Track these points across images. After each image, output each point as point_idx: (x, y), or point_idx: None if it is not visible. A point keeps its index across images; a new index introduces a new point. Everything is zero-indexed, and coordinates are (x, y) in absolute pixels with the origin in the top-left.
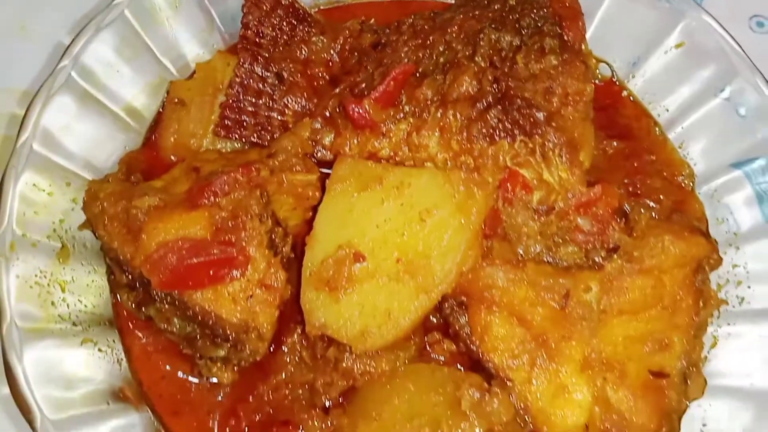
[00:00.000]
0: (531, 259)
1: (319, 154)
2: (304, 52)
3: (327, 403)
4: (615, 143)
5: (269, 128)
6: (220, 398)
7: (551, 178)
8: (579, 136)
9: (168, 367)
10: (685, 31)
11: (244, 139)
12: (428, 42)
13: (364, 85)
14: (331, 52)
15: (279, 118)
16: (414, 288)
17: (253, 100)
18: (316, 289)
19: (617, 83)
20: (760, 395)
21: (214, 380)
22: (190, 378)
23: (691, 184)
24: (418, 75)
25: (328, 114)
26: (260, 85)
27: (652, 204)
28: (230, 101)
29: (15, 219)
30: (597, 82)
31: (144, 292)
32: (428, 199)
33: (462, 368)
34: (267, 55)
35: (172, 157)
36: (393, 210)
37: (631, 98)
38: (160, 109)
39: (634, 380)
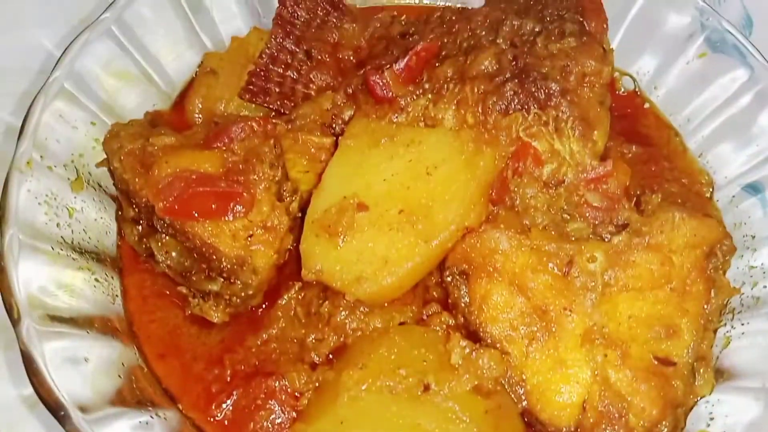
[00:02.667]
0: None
1: (337, 128)
2: (334, 36)
3: (316, 359)
4: (633, 147)
5: (292, 98)
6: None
7: (562, 148)
8: (593, 117)
9: (161, 311)
10: (707, 41)
11: (267, 105)
12: (454, 29)
13: (388, 66)
14: (361, 39)
15: (303, 90)
16: (414, 236)
17: (280, 71)
18: (317, 235)
19: (639, 95)
20: None
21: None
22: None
23: (710, 192)
24: (441, 57)
25: (350, 90)
26: (289, 59)
27: None
28: (258, 69)
29: (35, 141)
30: (620, 92)
31: (147, 224)
32: (436, 155)
33: None
34: (299, 33)
35: (197, 120)
36: (401, 165)
37: (653, 110)
38: (193, 77)
39: (638, 362)
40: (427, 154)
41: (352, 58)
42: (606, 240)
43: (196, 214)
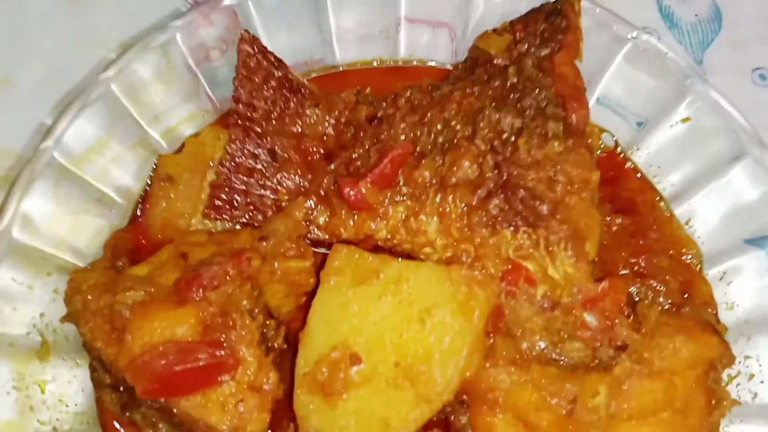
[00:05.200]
0: (536, 358)
1: (313, 235)
2: (298, 126)
3: None
4: (619, 219)
5: (261, 208)
6: None
7: (556, 274)
8: (584, 226)
9: None
10: (691, 105)
11: (235, 220)
12: (426, 119)
13: (359, 163)
14: (326, 124)
15: (272, 196)
16: (414, 397)
17: (245, 179)
18: (310, 393)
19: (621, 154)
20: None
21: None
22: None
23: (699, 264)
24: (416, 154)
25: (322, 192)
26: (252, 162)
27: (658, 286)
28: (221, 180)
29: None
30: (599, 152)
31: (128, 395)
32: (428, 297)
33: None
34: (259, 129)
35: (160, 236)
36: (390, 307)
37: (636, 170)
38: (147, 184)
39: None
40: (416, 294)
41: (319, 149)
42: (606, 365)
43: (180, 391)
